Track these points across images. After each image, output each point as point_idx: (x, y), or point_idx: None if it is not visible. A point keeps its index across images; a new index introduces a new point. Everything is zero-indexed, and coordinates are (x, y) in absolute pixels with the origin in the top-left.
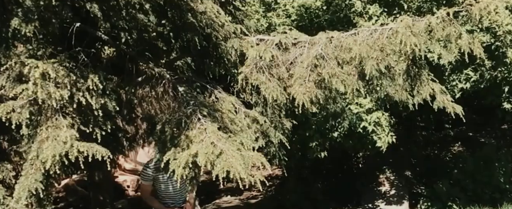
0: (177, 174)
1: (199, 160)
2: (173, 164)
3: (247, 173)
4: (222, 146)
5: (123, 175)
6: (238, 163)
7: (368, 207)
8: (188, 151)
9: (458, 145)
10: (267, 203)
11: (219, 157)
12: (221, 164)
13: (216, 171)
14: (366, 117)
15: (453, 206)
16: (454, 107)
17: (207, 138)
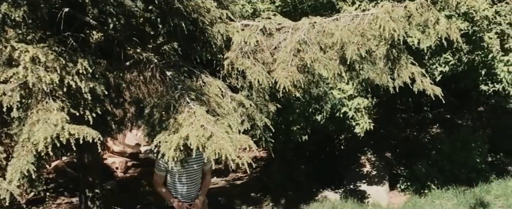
0: (168, 156)
1: (191, 143)
2: (164, 146)
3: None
4: (212, 128)
5: (112, 157)
6: (228, 145)
7: (350, 187)
8: (179, 134)
9: (436, 127)
10: (252, 184)
11: (209, 139)
12: (212, 146)
13: (207, 153)
14: (348, 103)
15: (431, 186)
16: (434, 89)
17: (197, 121)
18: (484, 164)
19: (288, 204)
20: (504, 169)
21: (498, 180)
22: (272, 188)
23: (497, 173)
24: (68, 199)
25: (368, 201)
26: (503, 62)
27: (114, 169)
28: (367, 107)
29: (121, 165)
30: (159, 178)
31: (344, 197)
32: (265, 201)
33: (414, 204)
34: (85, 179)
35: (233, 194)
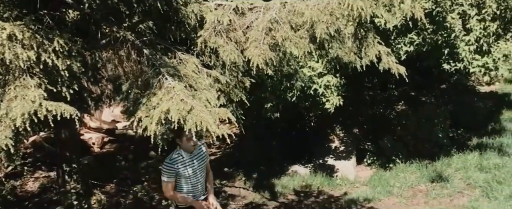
0: (150, 130)
1: (172, 116)
2: (146, 121)
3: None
4: (192, 102)
5: (89, 133)
6: (208, 117)
7: (319, 162)
8: (160, 108)
9: (401, 104)
10: (225, 160)
11: (190, 112)
12: (193, 118)
13: (188, 125)
14: (318, 80)
15: (396, 160)
16: (398, 68)
17: (176, 95)
18: (445, 139)
19: (259, 179)
20: (464, 143)
21: (458, 154)
22: (244, 163)
23: (457, 148)
24: (45, 173)
25: (336, 175)
26: (464, 42)
27: (91, 145)
28: (336, 85)
29: (97, 140)
30: (170, 185)
31: (313, 172)
32: (238, 175)
33: (380, 177)
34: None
35: None
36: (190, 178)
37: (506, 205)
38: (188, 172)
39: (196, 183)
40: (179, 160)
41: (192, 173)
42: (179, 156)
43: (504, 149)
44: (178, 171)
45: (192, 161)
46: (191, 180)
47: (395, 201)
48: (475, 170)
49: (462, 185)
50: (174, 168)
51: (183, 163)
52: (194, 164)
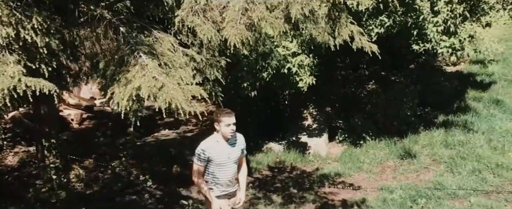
0: (121, 106)
1: (142, 93)
2: (117, 97)
3: (188, 104)
4: (163, 80)
5: (68, 109)
6: (179, 95)
7: (293, 139)
8: (132, 85)
9: (372, 83)
10: (202, 136)
11: (161, 90)
12: (163, 96)
13: (158, 102)
14: (292, 60)
15: (366, 137)
16: (371, 46)
17: (149, 73)
18: (413, 117)
19: None
20: (431, 121)
21: (425, 131)
22: None
23: (424, 125)
24: (25, 148)
25: (309, 151)
26: (432, 23)
27: (69, 121)
28: (309, 64)
29: (76, 117)
30: (200, 169)
31: (287, 148)
32: None
33: (351, 154)
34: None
35: (184, 145)
36: (221, 165)
37: (469, 180)
38: (221, 159)
39: (227, 172)
40: (215, 145)
41: (225, 161)
42: (215, 141)
43: (468, 126)
44: (211, 156)
45: (227, 148)
46: (222, 168)
47: (364, 177)
48: (441, 147)
49: (428, 161)
50: (208, 152)
51: (218, 149)
52: (229, 152)
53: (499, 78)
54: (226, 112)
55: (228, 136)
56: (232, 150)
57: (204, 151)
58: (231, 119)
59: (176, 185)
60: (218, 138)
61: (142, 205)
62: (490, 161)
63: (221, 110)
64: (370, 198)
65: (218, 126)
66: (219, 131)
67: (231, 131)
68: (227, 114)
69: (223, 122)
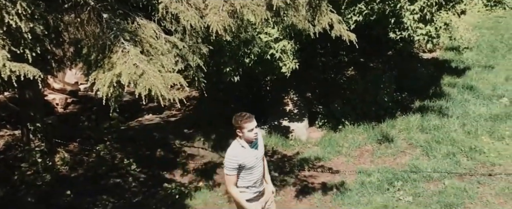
0: (102, 92)
1: (123, 80)
2: (99, 83)
3: (168, 91)
4: (144, 67)
5: (52, 94)
6: (159, 82)
7: (274, 124)
8: (113, 71)
9: (351, 69)
10: (185, 121)
11: (141, 76)
12: (144, 83)
13: (138, 89)
14: (274, 45)
15: (345, 122)
16: (349, 35)
17: (130, 60)
18: (390, 102)
19: (218, 139)
20: (407, 106)
21: (402, 116)
22: (203, 125)
23: (401, 110)
24: (10, 131)
25: (290, 136)
26: (409, 11)
27: (54, 105)
28: (291, 50)
29: (61, 101)
30: (233, 179)
31: (268, 133)
32: (197, 136)
33: (330, 138)
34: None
35: (167, 130)
36: (252, 168)
37: (444, 163)
38: (251, 163)
39: (257, 173)
40: (242, 151)
41: (254, 163)
42: (240, 147)
43: (443, 111)
44: (242, 162)
45: (253, 151)
46: (253, 170)
47: (343, 160)
48: (417, 131)
49: (404, 145)
50: (237, 160)
51: (246, 154)
52: (255, 154)
53: (473, 64)
54: (247, 117)
55: (252, 140)
56: (257, 151)
57: (235, 159)
58: (253, 124)
59: (160, 168)
60: (242, 143)
61: (126, 188)
62: (464, 144)
63: (240, 116)
64: (348, 181)
65: (240, 133)
66: (242, 137)
67: (255, 135)
68: (248, 120)
69: (245, 128)
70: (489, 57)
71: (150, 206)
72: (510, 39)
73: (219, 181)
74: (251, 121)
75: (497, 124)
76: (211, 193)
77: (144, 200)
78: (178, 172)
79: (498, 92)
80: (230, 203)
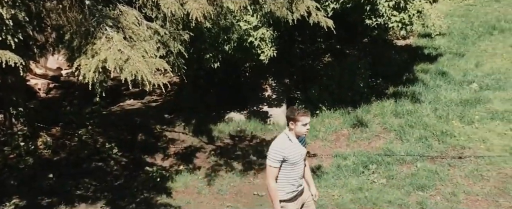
0: (88, 77)
1: (108, 65)
2: (84, 68)
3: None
4: (129, 52)
5: (35, 79)
6: (144, 67)
7: (253, 109)
8: (98, 57)
9: (328, 56)
10: (167, 106)
11: (126, 62)
12: (129, 68)
13: (124, 74)
14: (253, 33)
15: (322, 107)
16: (327, 21)
17: (114, 46)
18: (366, 88)
19: (198, 124)
20: (382, 92)
21: (376, 101)
22: (184, 110)
23: (376, 96)
24: None
25: (268, 121)
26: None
27: (36, 90)
28: (270, 37)
29: (43, 86)
30: (275, 171)
31: (247, 118)
32: (178, 121)
33: None
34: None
35: (149, 115)
36: (295, 164)
37: (416, 146)
38: (295, 158)
39: (299, 170)
40: (290, 144)
41: (298, 159)
42: (288, 140)
43: (416, 96)
44: (287, 156)
45: (299, 147)
46: (295, 167)
47: (320, 144)
48: (391, 116)
49: (379, 129)
50: (283, 153)
51: (293, 148)
52: (300, 150)
53: (444, 51)
54: (303, 111)
55: (303, 134)
56: (302, 148)
57: (281, 151)
58: (308, 118)
59: (141, 152)
60: (291, 136)
61: (108, 171)
62: (435, 129)
63: (296, 109)
64: (325, 164)
65: (293, 125)
66: (293, 130)
67: (307, 130)
68: (305, 114)
69: (300, 122)
70: (460, 44)
71: (132, 189)
72: (480, 27)
73: (199, 165)
74: (307, 116)
75: (467, 109)
76: (192, 176)
77: (125, 183)
78: (159, 156)
79: (468, 78)
80: (210, 186)
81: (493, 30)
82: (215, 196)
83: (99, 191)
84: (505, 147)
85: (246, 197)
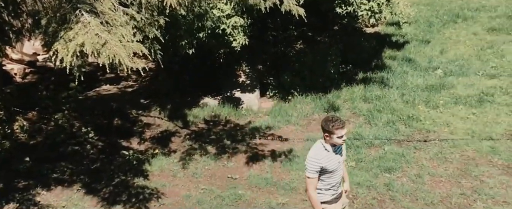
0: (66, 62)
1: (86, 49)
2: (62, 53)
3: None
4: (106, 37)
5: (10, 64)
6: (121, 51)
7: (227, 95)
8: (75, 41)
9: (300, 43)
10: (142, 91)
11: (104, 46)
12: (107, 52)
13: (102, 58)
14: (226, 21)
15: (294, 93)
16: (298, 9)
17: (91, 30)
18: (336, 74)
19: (173, 109)
20: (352, 78)
21: (346, 87)
22: (159, 95)
23: (346, 82)
24: None
25: (242, 106)
26: None
27: (13, 75)
28: (242, 25)
29: (19, 71)
30: (314, 182)
31: (222, 103)
32: (153, 106)
33: (280, 108)
34: None
35: (124, 100)
36: (333, 172)
37: (384, 130)
38: (333, 167)
39: (337, 176)
40: (326, 154)
41: (336, 167)
42: (324, 150)
43: (384, 82)
44: (324, 165)
45: (335, 154)
46: (333, 174)
47: (292, 129)
48: (360, 101)
49: (349, 113)
50: (320, 163)
51: (328, 157)
52: (337, 158)
53: (411, 38)
54: (339, 123)
55: (339, 145)
56: (339, 156)
57: (317, 162)
58: (344, 131)
59: (117, 136)
60: (326, 146)
61: (85, 155)
62: (402, 113)
63: (331, 121)
64: (296, 148)
65: (328, 137)
66: (328, 141)
67: (343, 141)
68: (340, 126)
69: (336, 134)
70: (425, 31)
71: (108, 172)
72: (445, 15)
73: (174, 148)
74: (343, 128)
75: (432, 94)
76: (167, 159)
77: (102, 166)
78: (135, 140)
79: (433, 64)
80: (184, 169)
81: (457, 18)
82: (190, 179)
83: (75, 174)
84: (468, 130)
85: (220, 180)
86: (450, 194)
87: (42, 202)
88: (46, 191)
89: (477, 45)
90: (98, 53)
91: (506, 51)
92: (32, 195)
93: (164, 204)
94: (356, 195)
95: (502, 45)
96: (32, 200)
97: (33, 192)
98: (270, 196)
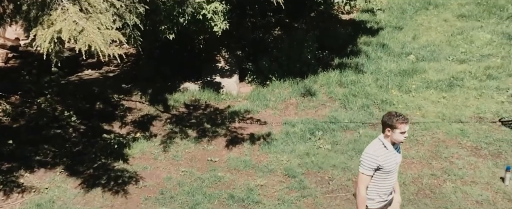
0: (43, 47)
1: (63, 36)
2: (39, 39)
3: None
4: (84, 24)
5: None
6: (98, 39)
7: (207, 80)
8: (53, 28)
9: (277, 29)
10: (123, 77)
11: (81, 33)
12: (83, 39)
13: (78, 45)
14: (206, 6)
15: (272, 78)
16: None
17: (70, 17)
18: (313, 60)
19: (154, 94)
20: (328, 63)
21: (323, 72)
22: (141, 80)
23: (322, 67)
24: None
25: (222, 90)
26: None
27: None
28: (222, 11)
29: (1, 56)
30: (367, 180)
31: (202, 88)
32: (135, 91)
33: (258, 93)
34: None
35: (106, 85)
36: (389, 173)
37: (359, 114)
38: (390, 166)
39: (392, 180)
40: (385, 152)
41: (393, 168)
42: (383, 147)
43: (359, 67)
44: (382, 164)
45: (395, 154)
46: (388, 175)
47: (270, 113)
48: (336, 86)
49: (325, 98)
50: (377, 160)
51: (388, 156)
52: (396, 158)
53: (385, 25)
54: (403, 118)
55: (400, 142)
56: (398, 156)
57: (376, 159)
58: (407, 126)
59: (99, 120)
60: (386, 143)
61: (67, 138)
62: (376, 97)
63: (395, 115)
64: (274, 131)
65: (390, 132)
66: (389, 137)
67: (405, 138)
68: (405, 122)
69: (398, 130)
70: (399, 18)
71: (90, 155)
72: (417, 2)
73: (155, 132)
74: (407, 123)
75: (405, 78)
76: (148, 143)
77: (84, 149)
78: (116, 123)
79: (406, 50)
80: (165, 153)
81: (428, 5)
82: (171, 162)
83: (58, 157)
84: (438, 114)
85: (200, 163)
86: (421, 175)
87: (26, 183)
88: (29, 173)
89: (447, 31)
90: (75, 40)
91: (475, 37)
92: (15, 177)
93: (145, 186)
94: (331, 176)
95: (471, 31)
96: (16, 182)
97: (17, 174)
98: (249, 178)
